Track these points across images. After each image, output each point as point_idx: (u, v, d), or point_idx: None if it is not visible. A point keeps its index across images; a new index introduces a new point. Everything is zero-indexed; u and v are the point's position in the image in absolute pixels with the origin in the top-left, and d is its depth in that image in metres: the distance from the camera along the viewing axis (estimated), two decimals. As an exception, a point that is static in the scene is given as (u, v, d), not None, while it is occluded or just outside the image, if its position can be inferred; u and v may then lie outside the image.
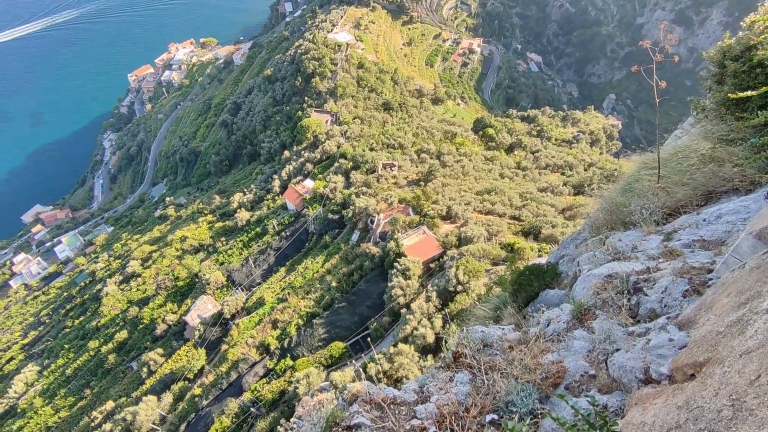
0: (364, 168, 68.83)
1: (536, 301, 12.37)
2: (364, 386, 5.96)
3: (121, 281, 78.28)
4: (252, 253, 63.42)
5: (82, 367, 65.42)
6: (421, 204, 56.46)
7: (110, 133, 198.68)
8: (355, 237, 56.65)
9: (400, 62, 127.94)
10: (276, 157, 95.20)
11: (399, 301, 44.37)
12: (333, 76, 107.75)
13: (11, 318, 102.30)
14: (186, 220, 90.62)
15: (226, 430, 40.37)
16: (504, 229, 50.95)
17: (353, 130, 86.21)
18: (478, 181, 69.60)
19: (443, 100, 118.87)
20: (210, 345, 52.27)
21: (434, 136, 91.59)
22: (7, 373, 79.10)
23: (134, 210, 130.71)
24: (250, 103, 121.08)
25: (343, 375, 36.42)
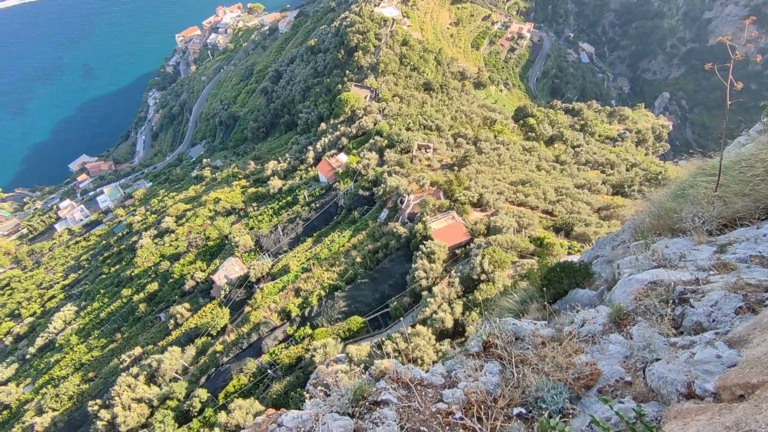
0: (398, 147, 68.36)
1: (564, 299, 12.13)
2: (392, 364, 6.02)
3: (156, 235, 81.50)
4: (281, 221, 64.63)
5: (114, 313, 69.15)
6: (453, 189, 55.83)
7: (155, 91, 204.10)
8: (383, 215, 56.78)
9: (446, 42, 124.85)
10: (312, 128, 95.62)
11: (421, 284, 44.48)
12: (376, 51, 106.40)
13: (55, 259, 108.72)
14: (220, 183, 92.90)
15: (243, 387, 42.07)
16: (535, 223, 49.93)
17: (391, 107, 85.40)
18: (514, 171, 68.08)
19: (486, 85, 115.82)
20: (234, 305, 54.13)
21: (473, 121, 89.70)
22: (48, 309, 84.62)
23: (172, 168, 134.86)
24: (291, 72, 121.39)
25: (359, 349, 37.04)
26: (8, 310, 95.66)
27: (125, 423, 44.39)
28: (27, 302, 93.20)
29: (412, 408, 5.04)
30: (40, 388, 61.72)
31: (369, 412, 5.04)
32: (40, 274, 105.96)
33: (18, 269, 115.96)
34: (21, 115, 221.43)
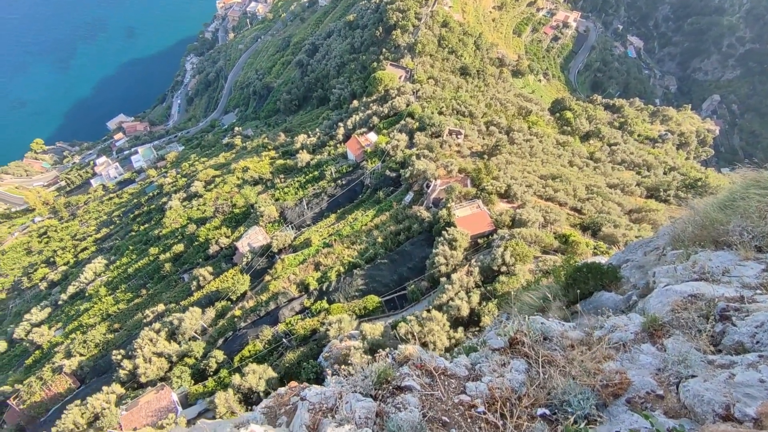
0: (429, 131, 67.52)
1: (589, 301, 11.92)
2: (416, 350, 6.04)
3: (184, 198, 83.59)
4: (306, 195, 65.23)
5: (141, 269, 71.83)
6: (481, 177, 55.01)
7: (193, 56, 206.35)
8: (408, 198, 56.58)
9: (487, 26, 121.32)
10: (344, 105, 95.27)
11: (440, 269, 44.43)
12: (415, 31, 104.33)
13: (89, 213, 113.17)
14: (250, 152, 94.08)
15: (257, 353, 43.34)
16: (562, 219, 48.89)
17: (425, 90, 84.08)
18: (545, 164, 66.48)
19: (524, 74, 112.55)
20: (255, 273, 55.40)
21: (507, 109, 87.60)
22: (80, 260, 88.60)
23: (205, 134, 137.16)
24: (327, 47, 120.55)
25: (373, 328, 37.49)
26: (44, 257, 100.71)
27: (145, 374, 46.53)
28: (62, 251, 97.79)
29: (434, 397, 5.07)
30: (70, 333, 65.13)
31: (392, 396, 5.09)
32: (75, 225, 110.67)
33: (55, 219, 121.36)
34: (65, 72, 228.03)
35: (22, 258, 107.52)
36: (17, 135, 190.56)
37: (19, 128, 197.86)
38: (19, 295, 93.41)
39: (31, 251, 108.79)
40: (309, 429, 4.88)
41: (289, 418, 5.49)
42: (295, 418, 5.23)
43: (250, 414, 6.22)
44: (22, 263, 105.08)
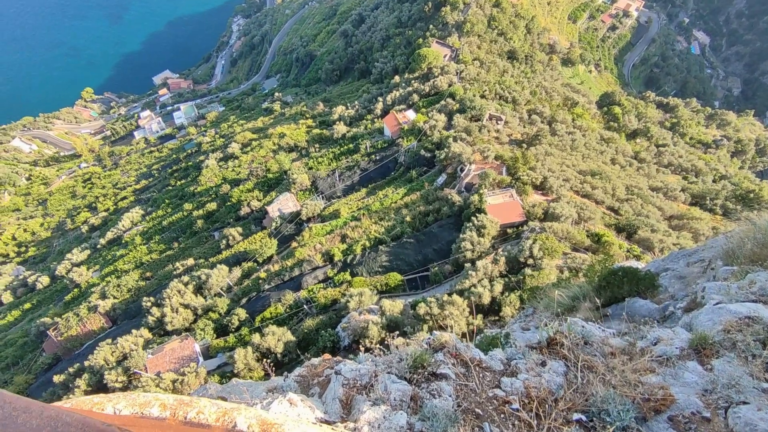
0: (469, 113, 66.08)
1: (621, 305, 11.58)
2: (451, 338, 6.03)
3: (221, 159, 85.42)
4: (339, 167, 65.48)
5: (175, 223, 74.46)
6: (517, 166, 53.76)
7: (240, 18, 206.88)
8: (440, 180, 56.01)
9: (541, 10, 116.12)
10: (386, 79, 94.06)
11: (466, 255, 44.16)
12: (465, 9, 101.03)
13: (130, 164, 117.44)
14: (288, 119, 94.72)
15: (278, 316, 44.66)
16: (596, 218, 47.48)
17: (470, 71, 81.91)
18: (585, 159, 64.25)
19: (575, 63, 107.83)
20: (282, 238, 56.56)
21: (552, 99, 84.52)
22: (119, 208, 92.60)
23: (245, 96, 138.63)
24: (374, 19, 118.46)
25: (392, 305, 37.89)
26: (87, 201, 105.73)
27: (171, 323, 48.82)
28: (103, 198, 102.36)
29: (468, 388, 5.06)
30: (106, 276, 68.72)
31: (427, 382, 5.11)
32: (117, 174, 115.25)
33: (99, 167, 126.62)
34: (117, 24, 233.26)
35: (68, 200, 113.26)
36: (70, 82, 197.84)
37: (71, 75, 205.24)
38: (62, 235, 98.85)
39: (75, 195, 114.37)
40: (342, 403, 4.97)
41: (321, 389, 5.60)
42: (328, 390, 5.33)
43: (280, 379, 6.40)
44: (67, 205, 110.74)
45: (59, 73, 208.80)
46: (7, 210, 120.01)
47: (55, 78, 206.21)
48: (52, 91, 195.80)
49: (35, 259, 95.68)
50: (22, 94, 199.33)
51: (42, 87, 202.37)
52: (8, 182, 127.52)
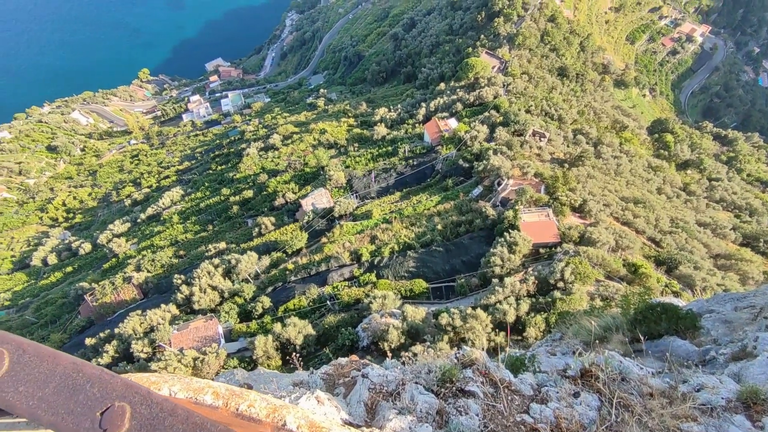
0: (512, 127, 65.06)
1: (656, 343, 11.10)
2: (482, 356, 5.91)
3: (262, 148, 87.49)
4: (376, 168, 65.80)
5: (212, 206, 76.79)
6: (557, 186, 52.46)
7: (294, 13, 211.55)
8: (476, 191, 55.34)
9: (598, 28, 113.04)
10: (431, 85, 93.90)
11: (494, 270, 43.41)
12: (518, 21, 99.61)
13: (176, 145, 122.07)
14: (330, 116, 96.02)
15: (301, 308, 45.25)
16: (636, 248, 45.69)
17: (517, 85, 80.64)
18: (630, 186, 61.97)
19: (628, 85, 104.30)
20: (313, 233, 57.32)
21: (600, 120, 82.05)
22: (161, 186, 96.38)
23: (291, 90, 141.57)
24: (425, 24, 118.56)
25: (415, 311, 37.66)
26: (132, 177, 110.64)
27: (198, 303, 50.30)
28: (147, 175, 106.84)
29: (496, 409, 4.94)
30: (142, 249, 71.64)
31: (454, 397, 5.03)
32: (162, 154, 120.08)
33: (146, 145, 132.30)
34: (179, 10, 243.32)
35: (115, 174, 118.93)
36: (129, 62, 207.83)
37: (131, 56, 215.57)
38: (107, 206, 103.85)
39: (122, 169, 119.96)
40: (366, 407, 4.95)
41: (347, 390, 5.60)
42: (354, 392, 5.33)
43: (305, 374, 6.45)
44: (114, 178, 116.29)
45: (120, 52, 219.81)
46: (61, 177, 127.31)
47: (115, 57, 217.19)
48: (112, 69, 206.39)
49: (80, 226, 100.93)
50: (85, 70, 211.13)
51: (103, 64, 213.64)
52: (65, 151, 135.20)
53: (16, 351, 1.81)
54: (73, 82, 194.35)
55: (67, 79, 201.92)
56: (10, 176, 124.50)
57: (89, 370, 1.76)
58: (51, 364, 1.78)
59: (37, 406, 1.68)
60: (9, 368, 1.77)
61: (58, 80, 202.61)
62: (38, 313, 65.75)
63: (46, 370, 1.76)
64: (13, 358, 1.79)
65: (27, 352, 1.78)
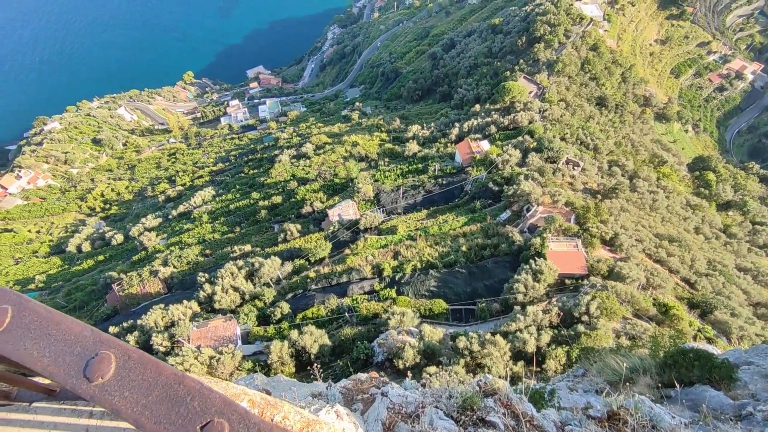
0: (546, 154, 64.20)
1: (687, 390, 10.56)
2: (505, 386, 5.75)
3: (294, 156, 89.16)
4: (405, 184, 65.94)
5: (240, 209, 78.45)
6: (588, 217, 51.23)
7: (336, 27, 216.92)
8: (504, 216, 54.62)
9: (641, 59, 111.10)
10: (465, 106, 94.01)
11: (517, 297, 42.48)
12: (559, 48, 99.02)
13: (212, 146, 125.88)
14: (363, 129, 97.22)
15: (319, 318, 45.34)
16: (668, 287, 43.91)
17: (553, 111, 79.78)
18: (665, 223, 59.88)
19: (670, 120, 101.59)
20: (337, 243, 57.65)
21: (638, 153, 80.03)
22: (194, 186, 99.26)
23: (327, 101, 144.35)
24: (464, 46, 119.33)
25: (433, 331, 37.14)
26: (168, 174, 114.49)
27: (219, 302, 51.10)
28: (182, 173, 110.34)
29: (519, 444, 4.76)
30: (170, 245, 73.62)
31: (474, 426, 4.88)
32: (198, 154, 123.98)
33: (184, 144, 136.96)
34: (226, 18, 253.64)
35: (152, 170, 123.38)
36: (175, 64, 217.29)
37: (177, 58, 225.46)
38: (142, 200, 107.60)
39: (159, 166, 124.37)
40: (384, 426, 4.86)
41: (365, 407, 5.53)
42: (372, 409, 5.25)
43: (323, 386, 6.41)
44: (151, 174, 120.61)
45: (168, 54, 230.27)
46: (102, 169, 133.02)
47: (163, 59, 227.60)
48: (159, 69, 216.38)
49: (115, 217, 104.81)
50: (134, 69, 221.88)
51: (152, 65, 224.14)
52: (108, 145, 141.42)
53: (123, 356, 1.86)
54: (123, 79, 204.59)
55: (118, 76, 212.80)
56: (56, 165, 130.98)
57: (190, 383, 1.80)
58: (154, 372, 1.82)
59: (141, 413, 1.72)
60: (115, 372, 1.82)
61: (109, 77, 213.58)
62: (68, 298, 68.17)
63: (149, 378, 1.81)
64: (119, 362, 1.84)
65: (132, 358, 1.83)
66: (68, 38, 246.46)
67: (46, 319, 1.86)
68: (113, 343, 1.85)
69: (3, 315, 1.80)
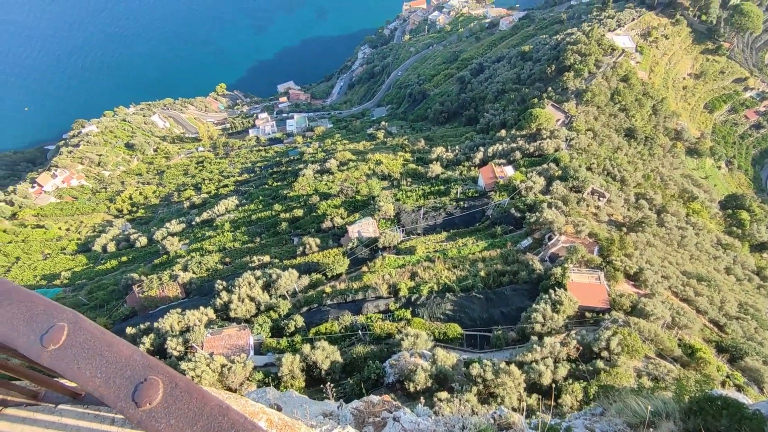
0: (570, 183, 63.33)
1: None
2: (521, 422, 5.53)
3: (318, 171, 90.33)
4: (426, 205, 65.82)
5: (262, 220, 79.53)
6: (612, 249, 49.95)
7: (367, 47, 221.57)
8: (525, 243, 53.76)
9: (674, 93, 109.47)
10: (491, 131, 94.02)
11: (534, 327, 41.41)
12: (589, 78, 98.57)
13: (238, 157, 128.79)
14: (388, 148, 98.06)
15: (332, 333, 45.07)
16: (694, 328, 42.14)
17: (580, 140, 78.94)
18: (693, 261, 57.87)
19: (702, 155, 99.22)
20: (354, 260, 57.63)
21: (667, 187, 78.14)
22: (219, 194, 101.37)
23: (354, 119, 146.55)
24: (493, 71, 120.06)
25: (446, 356, 36.43)
26: (194, 181, 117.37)
27: (235, 311, 51.42)
28: (208, 182, 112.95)
29: (536, 485, 4.53)
30: (191, 251, 74.92)
31: (490, 462, 4.69)
32: (224, 163, 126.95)
33: (212, 153, 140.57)
34: (261, 34, 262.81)
35: (180, 176, 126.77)
36: (208, 75, 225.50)
37: (211, 70, 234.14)
38: (167, 205, 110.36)
39: (187, 173, 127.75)
40: (396, 454, 4.71)
41: (375, 430, 5.38)
42: (384, 434, 5.11)
43: (335, 405, 6.29)
44: (178, 181, 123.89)
45: (203, 66, 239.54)
46: (133, 173, 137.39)
47: (198, 70, 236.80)
48: (193, 80, 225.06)
49: (141, 220, 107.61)
50: (170, 78, 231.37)
51: (187, 75, 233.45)
52: (140, 150, 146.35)
53: (170, 383, 1.87)
54: (159, 88, 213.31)
55: (155, 85, 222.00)
56: (90, 166, 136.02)
57: (234, 416, 1.79)
58: (200, 402, 1.82)
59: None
60: (162, 399, 1.83)
61: (147, 85, 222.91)
62: (90, 296, 69.79)
63: (195, 408, 1.81)
64: (166, 390, 1.85)
65: (179, 386, 1.85)
66: (111, 48, 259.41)
67: (100, 340, 1.88)
68: (162, 369, 1.85)
69: (59, 332, 1.82)
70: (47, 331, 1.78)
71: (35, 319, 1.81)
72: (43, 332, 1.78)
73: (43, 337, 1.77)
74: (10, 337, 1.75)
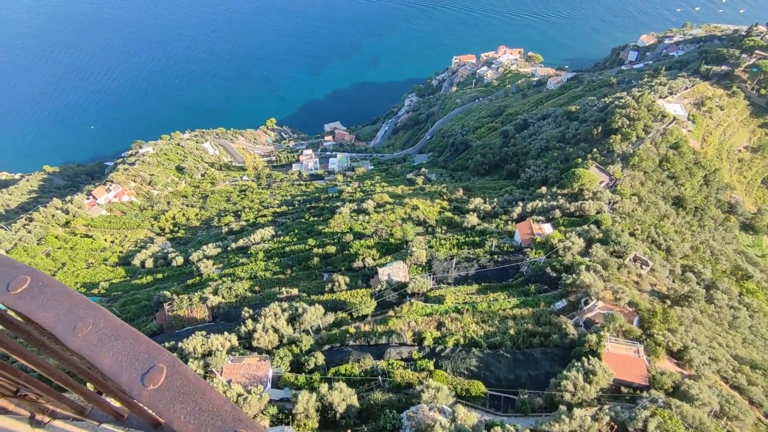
0: (611, 247, 61.14)
1: None
2: None
3: (354, 210, 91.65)
4: (459, 255, 64.96)
5: (295, 253, 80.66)
6: (653, 322, 47.12)
7: (414, 96, 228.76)
8: (559, 304, 51.65)
9: (728, 165, 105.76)
10: (532, 186, 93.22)
11: (564, 396, 38.94)
12: (636, 143, 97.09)
13: (279, 189, 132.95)
14: (425, 194, 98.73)
15: (352, 375, 44.01)
16: (747, 422, 38.37)
17: (624, 205, 76.83)
18: (747, 345, 53.58)
19: (758, 232, 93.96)
20: (381, 303, 56.95)
21: (718, 262, 73.96)
22: (257, 223, 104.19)
23: (395, 163, 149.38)
24: (538, 128, 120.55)
25: (467, 415, 34.62)
26: (235, 208, 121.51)
27: (258, 340, 51.34)
28: (248, 210, 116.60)
29: None
30: (224, 275, 76.43)
31: None
32: (265, 194, 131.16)
33: (255, 183, 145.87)
34: (315, 75, 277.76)
35: (222, 203, 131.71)
36: (261, 109, 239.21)
37: (264, 104, 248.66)
38: (207, 229, 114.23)
39: (229, 200, 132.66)
40: None
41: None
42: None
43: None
44: (220, 206, 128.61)
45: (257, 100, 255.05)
46: (179, 194, 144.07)
47: (252, 103, 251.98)
48: (246, 112, 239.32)
49: (180, 241, 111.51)
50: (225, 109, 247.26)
51: (241, 107, 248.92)
52: (189, 173, 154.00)
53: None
54: (214, 117, 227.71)
55: (210, 114, 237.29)
56: (141, 184, 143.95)
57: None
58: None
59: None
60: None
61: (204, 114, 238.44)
62: (122, 308, 71.84)
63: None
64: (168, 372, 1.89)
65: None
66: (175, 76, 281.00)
67: (195, 386, 1.96)
68: (250, 423, 1.89)
69: (159, 374, 1.91)
70: (148, 371, 1.87)
71: (138, 358, 1.90)
72: (144, 371, 1.87)
73: (144, 376, 1.86)
74: (115, 373, 1.85)
